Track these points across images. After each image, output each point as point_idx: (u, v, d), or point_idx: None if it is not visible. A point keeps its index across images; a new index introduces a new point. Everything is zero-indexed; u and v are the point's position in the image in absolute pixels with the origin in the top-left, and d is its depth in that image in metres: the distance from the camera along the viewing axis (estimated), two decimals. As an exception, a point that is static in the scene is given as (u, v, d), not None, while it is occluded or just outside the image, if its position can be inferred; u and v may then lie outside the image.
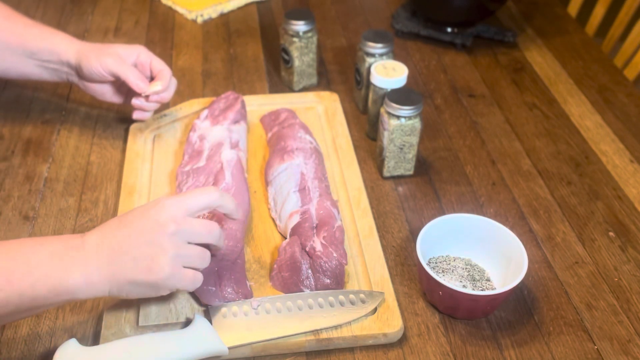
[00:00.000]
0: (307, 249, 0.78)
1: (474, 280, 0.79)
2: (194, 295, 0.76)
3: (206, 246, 0.75)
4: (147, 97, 0.93)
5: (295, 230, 0.81)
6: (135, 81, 0.91)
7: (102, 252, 0.65)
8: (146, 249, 0.65)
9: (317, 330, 0.72)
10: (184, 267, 0.68)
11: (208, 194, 0.70)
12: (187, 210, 0.68)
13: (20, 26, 0.93)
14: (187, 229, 0.67)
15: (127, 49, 0.94)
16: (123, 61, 0.92)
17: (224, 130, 0.94)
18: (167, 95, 0.94)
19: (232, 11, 1.34)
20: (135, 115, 0.95)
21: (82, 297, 0.65)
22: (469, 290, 0.76)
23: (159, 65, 0.94)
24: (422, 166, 0.98)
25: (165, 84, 0.93)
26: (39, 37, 0.93)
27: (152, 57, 0.94)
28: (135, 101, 0.93)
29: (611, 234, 0.88)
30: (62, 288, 0.64)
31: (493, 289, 0.78)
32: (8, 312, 0.63)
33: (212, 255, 0.76)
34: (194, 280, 0.69)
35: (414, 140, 0.91)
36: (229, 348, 0.69)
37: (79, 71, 0.93)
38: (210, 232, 0.69)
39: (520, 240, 0.77)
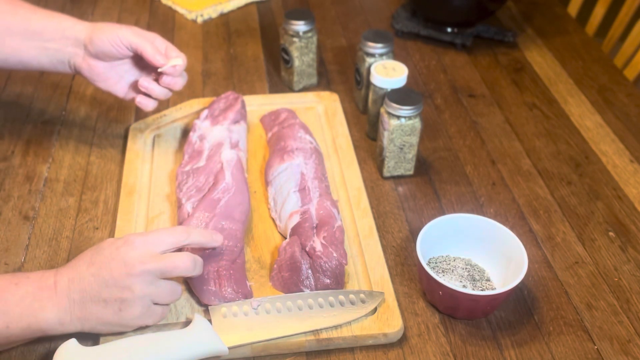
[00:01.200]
0: (307, 249, 0.78)
1: (474, 280, 0.79)
2: (194, 295, 0.76)
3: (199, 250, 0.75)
4: (159, 77, 0.88)
5: (295, 230, 0.81)
6: (153, 53, 0.86)
7: (73, 293, 0.66)
8: (115, 291, 0.66)
9: (317, 330, 0.72)
10: (154, 303, 0.69)
11: (175, 234, 0.71)
12: (155, 249, 0.69)
13: (24, 9, 0.88)
14: (155, 268, 0.67)
15: (144, 31, 0.89)
16: (141, 33, 0.87)
17: (224, 130, 0.94)
18: (179, 83, 0.90)
19: (232, 11, 1.34)
20: (139, 100, 0.90)
21: (55, 334, 0.67)
22: (469, 290, 0.76)
23: (175, 53, 0.89)
24: (422, 166, 0.98)
25: (185, 60, 0.88)
26: (44, 17, 0.88)
27: (167, 44, 0.90)
28: (143, 82, 0.89)
29: (611, 234, 0.88)
30: (35, 327, 0.65)
31: (493, 289, 0.78)
32: None
33: (211, 254, 0.76)
34: (162, 316, 0.71)
35: (414, 140, 0.91)
36: (229, 348, 0.69)
37: (88, 46, 0.87)
38: (178, 266, 0.69)
39: (520, 240, 0.77)
